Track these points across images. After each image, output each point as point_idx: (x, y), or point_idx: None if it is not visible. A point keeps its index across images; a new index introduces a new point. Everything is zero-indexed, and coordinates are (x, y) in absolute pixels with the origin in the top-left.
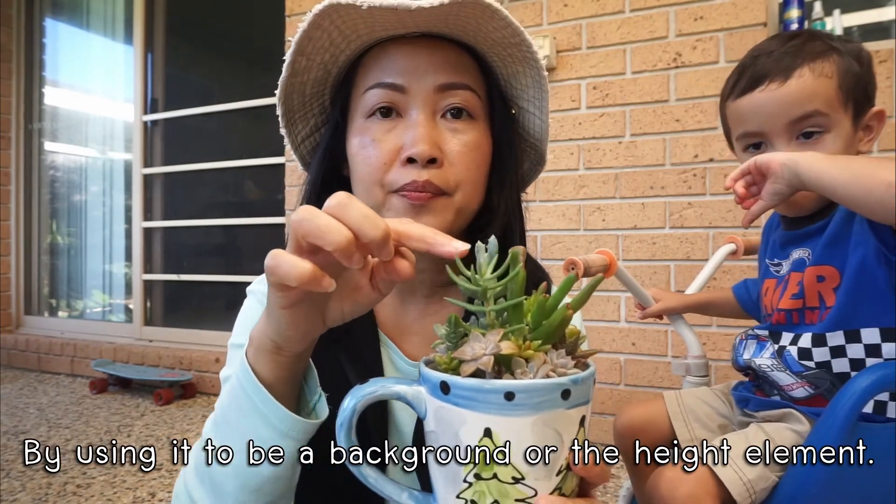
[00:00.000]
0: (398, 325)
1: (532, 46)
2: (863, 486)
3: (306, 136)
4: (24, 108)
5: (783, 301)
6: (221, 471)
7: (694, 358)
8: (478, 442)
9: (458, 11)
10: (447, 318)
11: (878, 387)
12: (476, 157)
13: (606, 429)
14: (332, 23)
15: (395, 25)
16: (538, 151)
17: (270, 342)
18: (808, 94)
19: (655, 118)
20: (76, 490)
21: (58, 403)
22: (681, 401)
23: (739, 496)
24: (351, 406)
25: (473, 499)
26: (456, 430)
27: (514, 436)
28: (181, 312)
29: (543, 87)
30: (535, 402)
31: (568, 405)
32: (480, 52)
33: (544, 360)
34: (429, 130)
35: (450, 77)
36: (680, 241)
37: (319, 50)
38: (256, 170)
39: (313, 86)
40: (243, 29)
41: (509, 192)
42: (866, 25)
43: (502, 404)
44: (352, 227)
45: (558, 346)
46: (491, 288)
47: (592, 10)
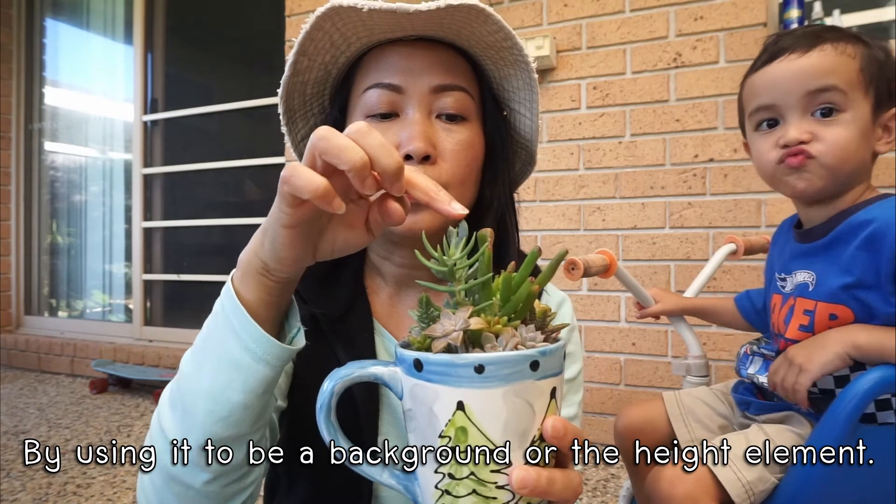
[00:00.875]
0: (393, 315)
1: (523, 50)
2: (863, 487)
3: (306, 134)
4: (24, 108)
5: (790, 330)
6: (193, 391)
7: (694, 358)
8: (451, 415)
9: (452, 15)
10: (419, 300)
11: (880, 388)
12: (468, 156)
13: (606, 429)
14: (333, 25)
15: (393, 28)
16: (529, 152)
17: (260, 263)
18: (829, 68)
19: (655, 118)
20: (76, 490)
21: (58, 403)
22: (680, 402)
23: (738, 497)
24: (329, 388)
25: (451, 472)
26: (430, 405)
27: (485, 407)
28: (181, 312)
29: (534, 90)
30: (505, 373)
31: (537, 376)
32: (474, 55)
33: (513, 335)
34: (424, 128)
35: (445, 78)
36: (680, 241)
37: (321, 51)
38: (256, 170)
39: (314, 86)
40: (243, 29)
41: (502, 188)
42: (866, 25)
43: (473, 377)
44: (369, 152)
45: (527, 321)
46: (460, 267)
47: (592, 10)
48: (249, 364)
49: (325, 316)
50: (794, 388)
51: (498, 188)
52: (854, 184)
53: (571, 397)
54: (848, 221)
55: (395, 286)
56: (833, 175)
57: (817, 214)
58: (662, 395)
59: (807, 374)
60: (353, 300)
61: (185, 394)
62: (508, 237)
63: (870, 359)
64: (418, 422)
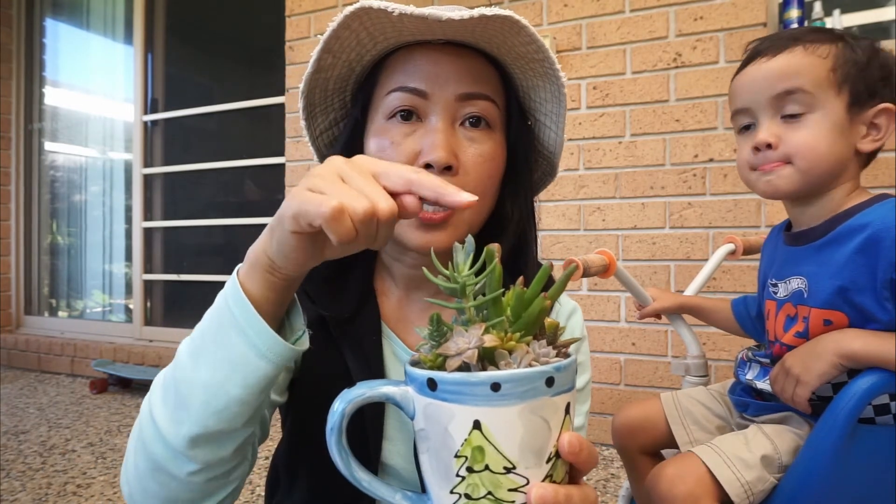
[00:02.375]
0: (402, 319)
1: (555, 63)
2: (863, 488)
3: (325, 129)
4: (24, 108)
5: (787, 336)
6: (189, 381)
7: (693, 358)
8: (468, 435)
9: (485, 24)
10: (429, 318)
11: (878, 389)
12: (490, 168)
13: (606, 429)
14: (361, 24)
15: (423, 32)
16: (550, 164)
17: (267, 260)
18: (795, 70)
19: (655, 118)
20: (76, 490)
21: (58, 403)
22: (678, 403)
23: (737, 497)
24: (340, 410)
25: (467, 492)
26: (445, 425)
27: (502, 426)
28: (181, 312)
29: (562, 103)
30: (521, 391)
31: (552, 392)
32: (502, 63)
33: (527, 351)
34: (447, 137)
35: (471, 87)
36: (680, 241)
37: (346, 49)
38: (256, 170)
39: (336, 82)
40: (243, 29)
41: (523, 201)
42: (866, 25)
43: (489, 395)
44: (343, 203)
45: (539, 336)
46: (469, 284)
47: (592, 10)
48: (252, 360)
49: (334, 318)
50: (793, 399)
51: (520, 200)
52: (835, 183)
53: (579, 407)
54: (844, 225)
55: (404, 288)
56: (804, 176)
57: (806, 215)
58: (660, 396)
59: (805, 387)
60: (362, 302)
61: (181, 383)
62: (528, 250)
63: (865, 366)
64: (432, 442)
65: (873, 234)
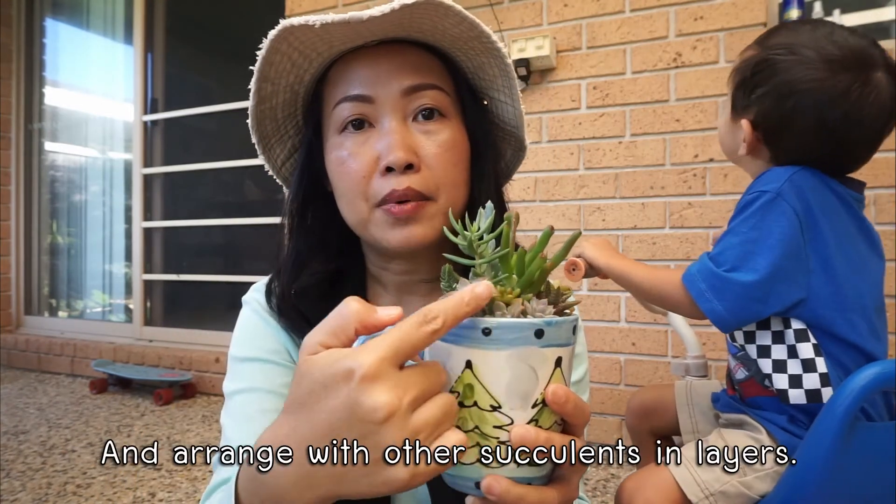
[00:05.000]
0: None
1: (492, 37)
2: (862, 486)
3: (285, 158)
4: (24, 108)
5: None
6: None
7: (693, 358)
8: (461, 373)
9: (410, 14)
10: (441, 270)
11: (876, 385)
12: (453, 157)
13: (606, 429)
14: (289, 45)
15: (353, 37)
16: (517, 138)
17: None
18: (733, 71)
19: (655, 118)
20: (76, 490)
21: (58, 403)
22: (689, 392)
23: (693, 496)
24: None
25: (457, 424)
26: (444, 361)
27: (491, 367)
28: (181, 312)
29: (510, 75)
30: (510, 338)
31: (541, 344)
32: (443, 50)
33: (522, 304)
34: (402, 136)
35: (414, 79)
36: (680, 241)
37: (283, 73)
38: (256, 170)
39: (283, 108)
40: (243, 29)
41: (489, 184)
42: (866, 25)
43: (481, 339)
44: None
45: (542, 295)
46: (482, 242)
47: (592, 10)
48: None
49: None
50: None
51: (485, 185)
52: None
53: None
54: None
55: (396, 294)
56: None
57: None
58: (675, 384)
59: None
60: None
61: None
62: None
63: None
64: None
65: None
